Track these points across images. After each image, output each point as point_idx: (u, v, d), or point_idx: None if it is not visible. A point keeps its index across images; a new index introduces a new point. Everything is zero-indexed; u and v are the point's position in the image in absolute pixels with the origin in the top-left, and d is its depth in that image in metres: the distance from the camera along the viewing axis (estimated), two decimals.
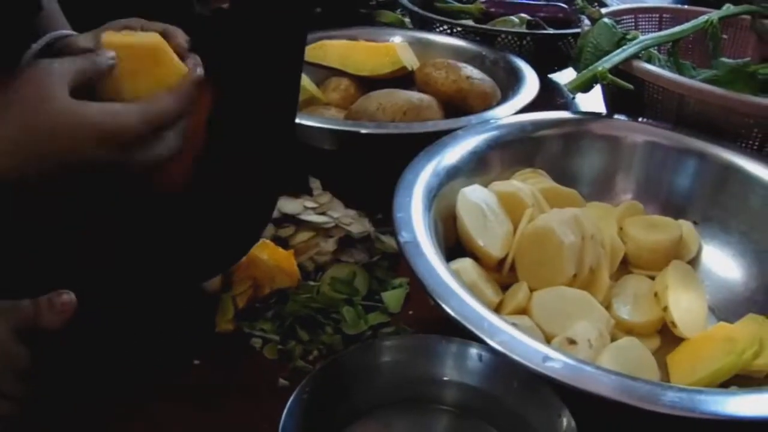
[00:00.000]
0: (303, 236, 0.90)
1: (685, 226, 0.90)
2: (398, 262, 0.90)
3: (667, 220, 0.90)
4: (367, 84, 1.22)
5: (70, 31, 0.89)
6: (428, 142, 0.89)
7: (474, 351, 0.64)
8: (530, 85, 1.17)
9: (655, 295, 0.82)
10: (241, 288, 0.80)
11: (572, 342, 0.71)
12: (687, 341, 0.78)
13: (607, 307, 0.80)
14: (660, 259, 0.86)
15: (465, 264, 0.79)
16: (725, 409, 0.56)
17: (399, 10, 1.71)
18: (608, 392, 0.56)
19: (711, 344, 0.75)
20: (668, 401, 0.56)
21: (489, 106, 1.11)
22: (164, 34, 0.64)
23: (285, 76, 0.67)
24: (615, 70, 1.02)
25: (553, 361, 0.58)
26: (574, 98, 1.37)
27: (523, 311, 0.77)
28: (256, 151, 0.68)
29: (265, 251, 0.82)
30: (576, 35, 1.30)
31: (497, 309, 0.78)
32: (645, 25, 1.30)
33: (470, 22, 1.56)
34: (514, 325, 0.66)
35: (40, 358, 0.59)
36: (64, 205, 0.60)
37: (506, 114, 1.04)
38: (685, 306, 0.80)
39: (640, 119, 1.01)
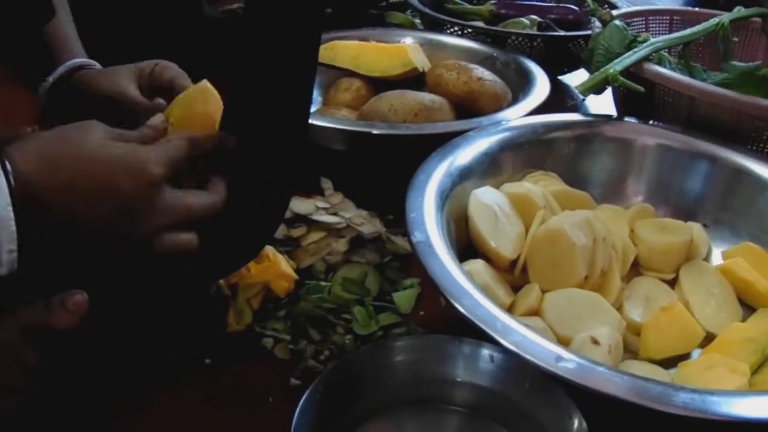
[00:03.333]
0: (315, 236, 0.90)
1: (695, 228, 0.90)
2: (409, 263, 0.90)
3: (677, 223, 0.90)
4: (378, 85, 1.22)
5: (86, 60, 0.93)
6: (439, 143, 0.89)
7: (485, 351, 0.64)
8: (541, 86, 1.17)
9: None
10: (254, 290, 0.80)
11: (595, 342, 0.71)
12: (705, 348, 0.78)
13: (619, 308, 0.80)
14: (671, 261, 0.86)
15: (477, 266, 0.79)
16: (737, 411, 0.56)
17: (409, 11, 1.71)
18: (620, 393, 0.56)
19: (732, 348, 0.75)
20: (680, 402, 0.56)
21: (500, 108, 1.11)
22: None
23: (298, 76, 0.67)
24: (626, 72, 1.02)
25: (566, 361, 0.59)
26: (584, 100, 1.37)
27: (535, 313, 0.77)
28: (269, 152, 0.68)
29: (252, 272, 0.81)
30: (586, 37, 1.31)
31: (509, 310, 0.78)
32: (655, 27, 1.30)
33: (481, 24, 1.56)
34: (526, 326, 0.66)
35: (49, 356, 0.60)
36: None
37: (517, 116, 1.04)
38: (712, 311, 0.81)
39: (650, 122, 1.01)
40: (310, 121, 0.89)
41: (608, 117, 1.03)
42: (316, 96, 1.29)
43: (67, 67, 0.90)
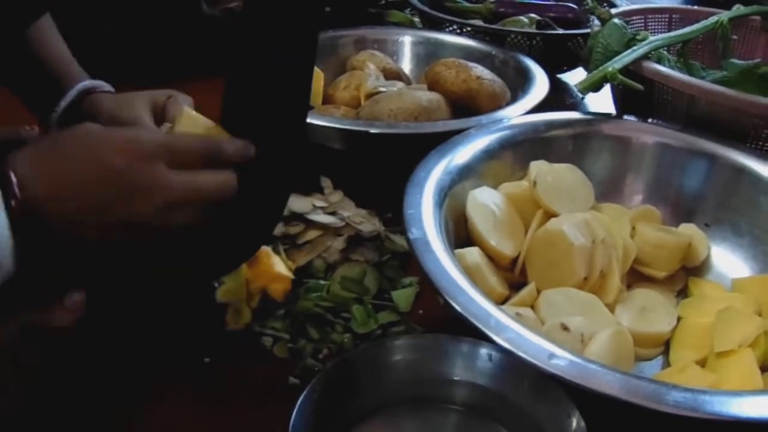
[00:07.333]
0: (311, 234, 0.90)
1: (695, 231, 0.90)
2: (408, 262, 0.90)
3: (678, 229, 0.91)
4: None
5: (95, 83, 0.90)
6: (438, 141, 0.89)
7: (484, 351, 0.64)
8: (540, 85, 1.17)
9: None
10: (253, 290, 0.80)
11: (565, 328, 0.71)
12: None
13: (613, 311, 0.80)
14: (666, 258, 0.86)
15: (471, 249, 0.80)
16: (729, 410, 0.56)
17: (408, 9, 1.71)
18: (612, 390, 0.56)
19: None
20: (672, 401, 0.56)
21: (498, 107, 1.11)
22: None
23: (297, 75, 0.67)
24: (625, 70, 1.02)
25: (558, 358, 0.59)
26: (583, 98, 1.37)
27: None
28: (268, 151, 0.68)
29: (250, 275, 0.81)
30: (585, 35, 1.31)
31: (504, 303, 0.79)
32: (654, 25, 1.30)
33: (480, 22, 1.56)
34: (518, 315, 0.67)
35: (48, 356, 0.60)
36: None
37: (516, 114, 1.04)
38: None
39: (649, 120, 1.01)
40: (309, 119, 0.89)
41: (607, 115, 1.03)
42: None
43: (77, 91, 0.88)
